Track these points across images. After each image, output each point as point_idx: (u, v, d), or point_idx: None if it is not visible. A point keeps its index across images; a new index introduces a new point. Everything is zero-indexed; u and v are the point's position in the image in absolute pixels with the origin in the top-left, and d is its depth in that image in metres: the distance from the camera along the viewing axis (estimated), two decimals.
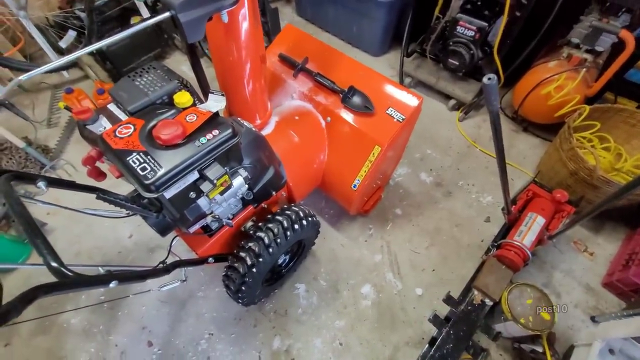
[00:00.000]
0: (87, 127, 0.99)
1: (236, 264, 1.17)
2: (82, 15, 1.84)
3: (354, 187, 1.43)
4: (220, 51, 1.16)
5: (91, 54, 2.15)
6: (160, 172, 0.82)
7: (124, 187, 1.07)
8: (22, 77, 0.74)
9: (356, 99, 1.39)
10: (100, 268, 0.83)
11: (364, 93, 1.39)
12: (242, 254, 1.16)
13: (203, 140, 0.90)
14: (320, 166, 1.50)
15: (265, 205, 1.36)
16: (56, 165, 1.98)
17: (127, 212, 1.17)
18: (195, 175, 0.91)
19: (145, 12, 2.19)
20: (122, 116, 1.02)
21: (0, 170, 0.89)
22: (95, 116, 1.00)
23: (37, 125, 2.17)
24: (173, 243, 1.23)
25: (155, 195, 0.83)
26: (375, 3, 2.20)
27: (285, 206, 1.30)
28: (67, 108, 1.72)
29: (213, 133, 0.92)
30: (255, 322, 1.48)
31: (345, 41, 2.70)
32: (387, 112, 1.36)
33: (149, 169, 0.83)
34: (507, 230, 1.54)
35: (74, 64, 2.27)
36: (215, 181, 0.90)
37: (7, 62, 2.09)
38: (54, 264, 0.68)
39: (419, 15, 2.21)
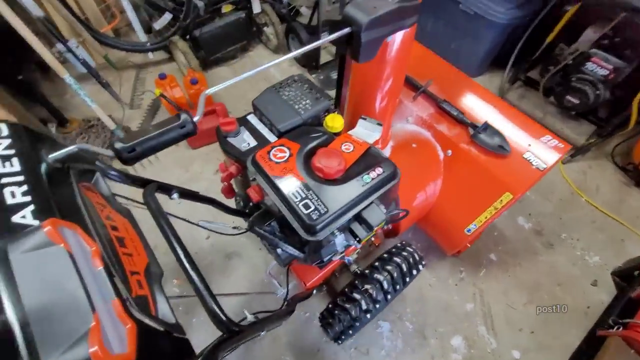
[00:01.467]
0: (229, 140, 0.90)
1: (347, 305, 1.06)
2: (200, 4, 1.78)
3: (468, 231, 1.29)
4: (367, 68, 1.04)
5: (185, 40, 2.10)
6: (327, 213, 0.72)
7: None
8: (208, 91, 0.65)
9: (490, 137, 1.23)
10: (247, 313, 0.74)
11: (500, 132, 1.24)
12: (357, 296, 1.05)
13: (367, 178, 0.79)
14: (430, 201, 1.36)
15: (372, 238, 1.25)
16: None
17: (236, 229, 1.09)
18: (349, 216, 0.80)
19: (257, 6, 2.12)
20: (266, 131, 0.92)
21: (142, 180, 0.82)
22: (238, 129, 0.91)
23: (122, 105, 2.15)
24: (270, 273, 1.14)
25: (318, 239, 0.73)
26: (487, 23, 2.02)
27: (399, 245, 1.18)
28: (163, 95, 1.66)
29: (377, 171, 0.80)
30: (334, 356, 1.38)
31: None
32: (524, 156, 1.20)
33: (312, 207, 0.73)
34: (627, 304, 1.35)
35: (163, 47, 2.23)
36: (375, 227, 0.79)
37: (103, 38, 2.08)
38: (221, 317, 0.59)
39: (529, 41, 2.02)
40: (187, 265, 0.63)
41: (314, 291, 1.13)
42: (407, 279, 1.09)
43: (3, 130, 0.51)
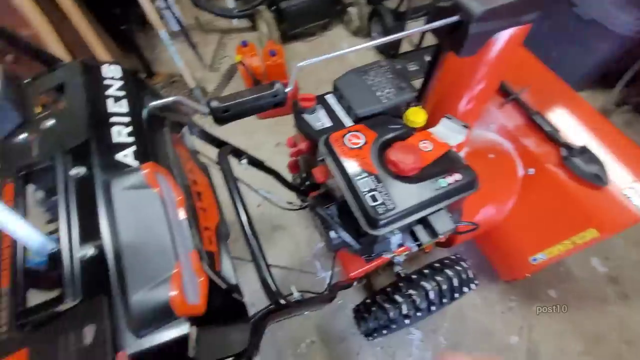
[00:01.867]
0: (304, 116, 0.90)
1: (387, 305, 1.03)
2: None
3: (534, 260, 1.17)
4: (463, 64, 0.95)
5: (271, 10, 2.12)
6: (394, 210, 0.69)
7: None
8: (301, 64, 0.64)
9: (586, 163, 1.08)
10: (294, 290, 0.74)
11: (599, 159, 1.08)
12: (398, 298, 1.01)
13: (443, 183, 0.73)
14: (496, 218, 1.25)
15: None
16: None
17: (291, 204, 1.10)
18: (416, 217, 0.76)
19: None
20: (342, 114, 0.90)
21: (219, 141, 0.85)
22: (315, 106, 0.90)
23: (202, 66, 2.27)
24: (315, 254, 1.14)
25: (378, 233, 0.70)
26: (605, 32, 1.74)
27: (453, 257, 1.11)
28: (242, 63, 1.70)
29: (455, 177, 0.74)
30: (359, 349, 1.37)
31: None
32: (624, 192, 1.04)
33: (380, 200, 0.70)
34: None
35: (249, 15, 2.29)
36: (440, 235, 0.74)
37: (196, 0, 2.18)
38: (273, 288, 0.60)
39: None
40: (248, 231, 0.64)
41: (355, 282, 1.12)
42: (456, 295, 1.02)
43: (118, 72, 0.55)
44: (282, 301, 0.62)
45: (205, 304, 0.38)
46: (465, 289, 1.05)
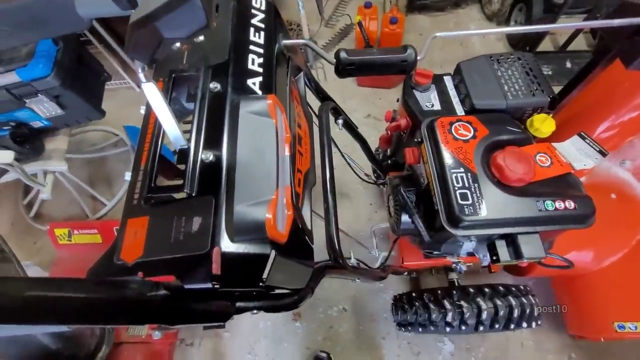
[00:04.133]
0: (415, 92, 0.85)
1: (432, 306, 1.00)
2: None
3: (620, 327, 1.00)
4: (623, 80, 0.79)
5: None
6: (481, 215, 0.64)
7: None
8: (439, 34, 0.60)
9: None
10: (352, 255, 0.77)
11: None
12: (447, 305, 0.97)
13: (549, 205, 0.65)
14: (590, 265, 1.08)
15: None
16: (314, 64, 2.08)
17: (368, 176, 1.10)
18: (502, 232, 0.70)
19: None
20: (456, 101, 0.83)
21: (324, 94, 0.87)
22: (429, 85, 0.85)
23: (319, 20, 2.28)
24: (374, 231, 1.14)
25: (455, 234, 0.67)
26: None
27: (522, 288, 1.01)
28: (360, 25, 1.66)
29: (566, 204, 0.65)
30: (386, 335, 1.38)
31: None
32: None
33: (470, 201, 0.65)
34: None
35: None
36: (525, 259, 0.67)
37: None
38: (336, 246, 0.62)
39: None
40: (328, 186, 0.65)
41: (406, 272, 1.10)
42: (511, 326, 0.94)
43: (263, 5, 0.58)
44: (340, 261, 0.64)
45: (287, 236, 0.41)
46: (524, 325, 0.95)
